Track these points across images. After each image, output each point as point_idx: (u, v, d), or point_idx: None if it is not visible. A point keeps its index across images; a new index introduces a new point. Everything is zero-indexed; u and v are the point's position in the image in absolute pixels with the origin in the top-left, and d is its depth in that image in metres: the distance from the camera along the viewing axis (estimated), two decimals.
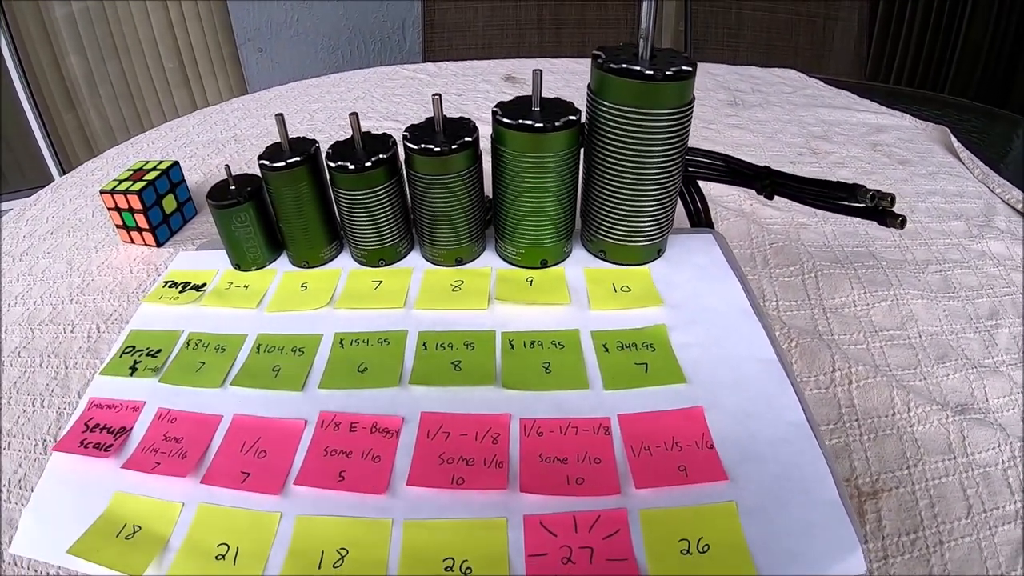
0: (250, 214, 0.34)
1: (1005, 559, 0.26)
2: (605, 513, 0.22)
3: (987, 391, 0.34)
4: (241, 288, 0.35)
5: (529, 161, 0.29)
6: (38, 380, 0.37)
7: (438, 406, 0.26)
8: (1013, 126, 0.80)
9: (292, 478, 0.25)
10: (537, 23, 1.09)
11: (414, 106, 0.72)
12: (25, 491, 0.31)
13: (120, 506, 0.25)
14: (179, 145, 0.68)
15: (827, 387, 0.33)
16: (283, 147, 0.32)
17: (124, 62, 1.87)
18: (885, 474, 0.29)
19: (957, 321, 0.38)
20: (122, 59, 1.87)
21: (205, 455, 0.26)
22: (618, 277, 0.32)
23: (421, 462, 0.24)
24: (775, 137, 0.62)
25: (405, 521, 0.22)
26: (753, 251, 0.43)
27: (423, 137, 0.29)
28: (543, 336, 0.29)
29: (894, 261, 0.43)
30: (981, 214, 0.50)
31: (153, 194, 0.46)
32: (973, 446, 0.30)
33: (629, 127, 0.28)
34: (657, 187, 0.30)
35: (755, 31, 1.08)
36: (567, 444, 0.24)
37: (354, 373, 0.28)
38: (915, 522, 0.27)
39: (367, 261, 0.34)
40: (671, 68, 0.27)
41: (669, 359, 0.27)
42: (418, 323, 0.30)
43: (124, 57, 1.86)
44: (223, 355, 0.31)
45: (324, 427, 0.26)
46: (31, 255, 0.50)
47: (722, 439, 0.24)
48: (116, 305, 0.42)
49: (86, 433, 0.28)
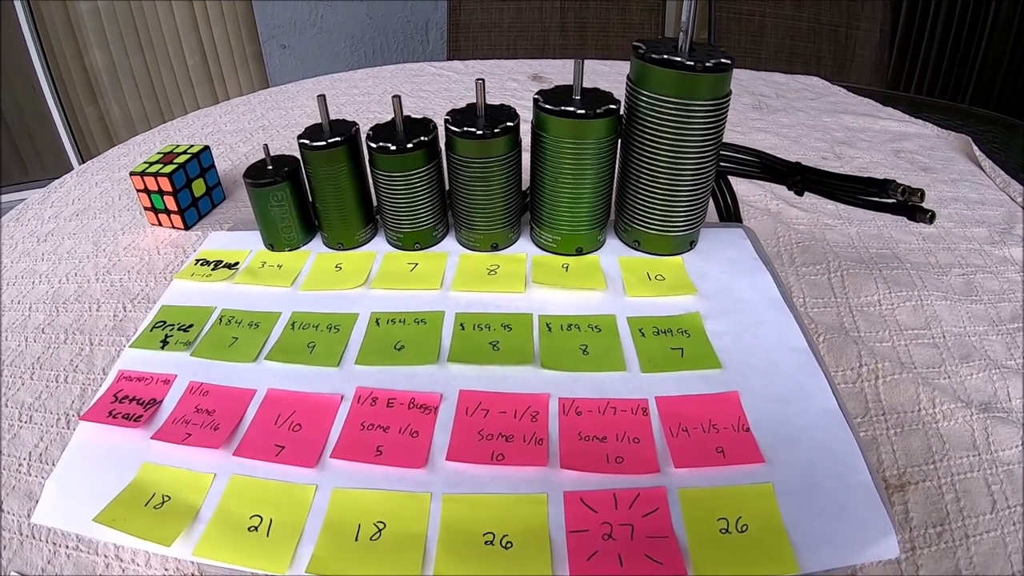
0: (286, 193, 0.34)
1: None
2: (645, 491, 0.22)
3: (1010, 391, 0.34)
4: (274, 267, 0.35)
5: (569, 147, 0.29)
6: (62, 356, 0.37)
7: (476, 384, 0.27)
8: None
9: (328, 451, 0.25)
10: (560, 25, 1.10)
11: (442, 102, 0.72)
12: (46, 464, 0.31)
13: (149, 476, 0.25)
14: (207, 133, 0.69)
15: (854, 381, 0.33)
16: (323, 128, 0.32)
17: (148, 57, 1.88)
18: (912, 468, 0.29)
19: (980, 323, 0.38)
20: (145, 54, 1.88)
21: (238, 428, 0.26)
22: (652, 266, 0.32)
23: (460, 438, 0.24)
24: (799, 141, 0.62)
25: (444, 495, 0.23)
26: (780, 249, 0.43)
27: (465, 121, 0.30)
28: (580, 320, 0.29)
29: (918, 264, 0.43)
30: (1003, 221, 0.50)
31: (183, 177, 0.47)
32: (997, 443, 0.31)
33: (667, 117, 0.28)
34: (692, 178, 0.30)
35: (778, 39, 1.09)
36: (606, 424, 0.24)
37: (391, 350, 0.29)
38: (941, 515, 0.28)
39: (403, 244, 0.35)
40: (710, 60, 0.28)
41: (704, 345, 0.28)
42: (455, 304, 0.31)
43: (148, 52, 1.87)
44: (257, 331, 0.31)
45: (361, 402, 0.26)
46: (56, 235, 0.51)
47: (757, 423, 0.24)
48: (143, 285, 0.43)
49: (115, 404, 0.28)
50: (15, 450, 0.31)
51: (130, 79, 1.92)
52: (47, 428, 0.33)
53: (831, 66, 1.05)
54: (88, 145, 2.02)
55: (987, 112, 0.88)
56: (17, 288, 0.45)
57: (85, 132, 2.00)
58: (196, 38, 1.87)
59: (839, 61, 1.08)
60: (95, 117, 1.98)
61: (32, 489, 0.29)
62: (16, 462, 0.31)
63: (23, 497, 0.29)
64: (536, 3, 1.08)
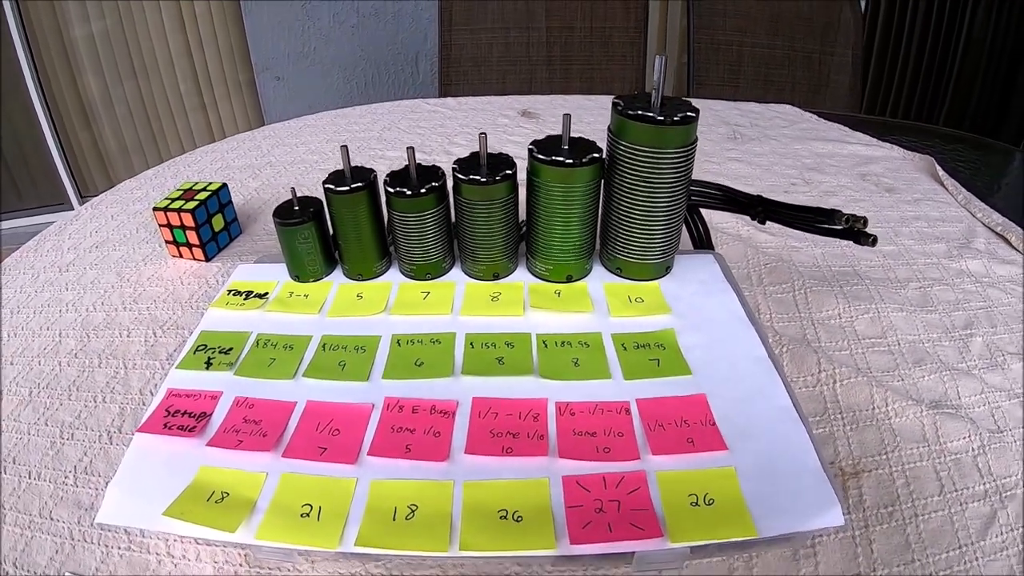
0: (312, 231, 0.39)
1: (975, 530, 0.30)
2: (628, 474, 0.27)
3: (960, 390, 0.37)
4: (302, 296, 0.40)
5: (559, 191, 0.34)
6: (98, 378, 0.40)
7: (486, 392, 0.31)
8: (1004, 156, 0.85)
9: (365, 450, 0.29)
10: (547, 59, 1.16)
11: (438, 139, 0.77)
12: (92, 476, 0.33)
13: (207, 477, 0.28)
14: (216, 169, 0.72)
15: (814, 385, 0.37)
16: (345, 174, 0.37)
17: (141, 83, 1.90)
18: (866, 458, 0.33)
19: (934, 331, 0.42)
20: (139, 80, 1.89)
21: (283, 434, 0.30)
22: (632, 290, 0.37)
23: (476, 436, 0.29)
24: (771, 169, 0.67)
25: (465, 482, 0.27)
26: (749, 271, 0.48)
27: (470, 169, 0.35)
28: (571, 337, 0.34)
29: (877, 279, 0.47)
30: (961, 236, 0.54)
31: (204, 213, 0.50)
32: (945, 436, 0.34)
33: (643, 163, 0.34)
34: (666, 213, 0.35)
35: (755, 67, 1.14)
36: (595, 422, 0.29)
37: (412, 367, 0.33)
38: (892, 497, 0.31)
39: (415, 275, 0.40)
40: (678, 114, 0.33)
41: (677, 356, 0.33)
42: (464, 327, 0.36)
43: (141, 78, 1.89)
44: (291, 352, 0.35)
45: (390, 409, 0.31)
46: (78, 266, 0.53)
47: (722, 419, 0.29)
48: (171, 313, 0.45)
49: (168, 417, 0.31)
50: (60, 464, 0.34)
51: (124, 105, 1.94)
52: (89, 444, 0.35)
53: (806, 92, 1.11)
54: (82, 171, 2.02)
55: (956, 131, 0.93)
56: (45, 315, 0.47)
57: (79, 158, 2.01)
58: (189, 65, 1.88)
59: (814, 86, 1.14)
60: (89, 143, 1.99)
61: (80, 499, 0.32)
62: (62, 475, 0.33)
63: (72, 506, 0.32)
64: (523, 38, 1.14)
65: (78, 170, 2.02)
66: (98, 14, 1.79)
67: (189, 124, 1.99)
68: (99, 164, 2.05)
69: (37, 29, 1.78)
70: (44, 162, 1.97)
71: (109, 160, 2.04)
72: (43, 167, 1.98)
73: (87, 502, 0.32)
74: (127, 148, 2.02)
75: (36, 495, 0.33)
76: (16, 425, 0.37)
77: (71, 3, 1.76)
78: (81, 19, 1.79)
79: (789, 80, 1.13)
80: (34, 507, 0.32)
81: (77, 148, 1.99)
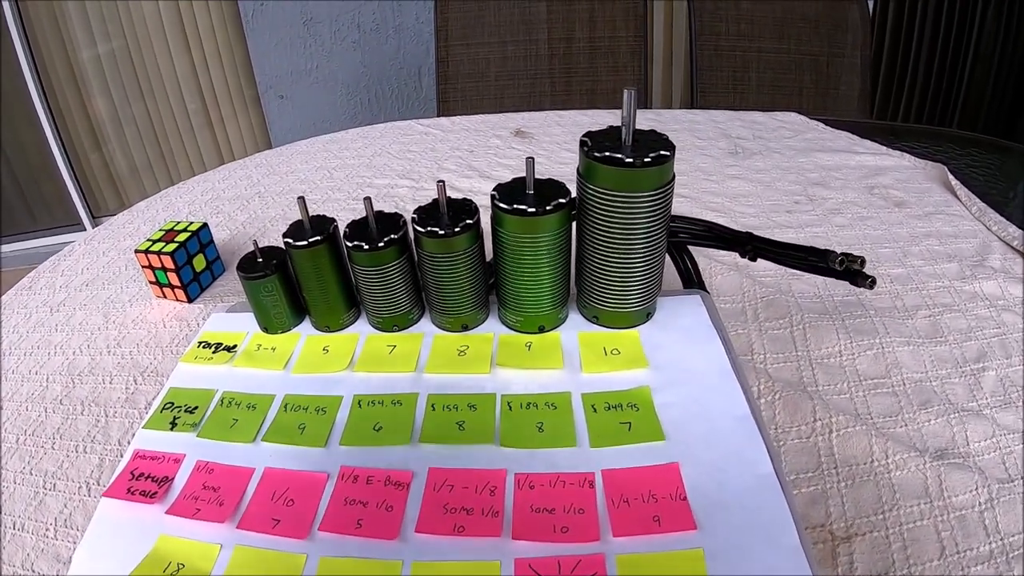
0: (276, 284, 0.38)
1: None
2: (585, 558, 0.25)
3: (968, 435, 0.35)
4: (269, 350, 0.39)
5: (525, 241, 0.32)
6: (80, 427, 0.40)
7: (444, 462, 0.30)
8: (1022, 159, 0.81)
9: (317, 524, 0.28)
10: (548, 72, 1.15)
11: (428, 163, 0.76)
12: (71, 530, 0.34)
13: (165, 546, 0.28)
14: (206, 200, 0.73)
15: (808, 436, 0.35)
16: (305, 226, 0.36)
17: (149, 104, 1.95)
18: (860, 519, 0.31)
19: (943, 366, 0.40)
20: (147, 101, 1.95)
21: (240, 503, 0.30)
22: (609, 340, 0.35)
23: (428, 511, 0.28)
24: (773, 186, 0.64)
25: (413, 562, 0.26)
26: (744, 305, 0.45)
27: (429, 220, 0.33)
28: (538, 398, 0.32)
29: (883, 309, 0.45)
30: (976, 253, 0.51)
31: (184, 255, 0.50)
32: (950, 490, 0.32)
33: (614, 208, 0.31)
34: (643, 258, 0.33)
35: (760, 72, 1.11)
36: (555, 496, 0.27)
37: (371, 432, 0.32)
38: (887, 564, 0.29)
39: (382, 326, 0.38)
40: (650, 154, 0.30)
41: (651, 418, 0.30)
42: (427, 386, 0.34)
43: (149, 99, 1.94)
44: (254, 412, 0.35)
45: (344, 479, 0.30)
46: (68, 306, 0.55)
47: (695, 490, 0.27)
48: (151, 359, 0.46)
49: (132, 481, 0.32)
50: (42, 516, 0.35)
51: (132, 126, 1.99)
52: (70, 496, 0.36)
53: (814, 97, 1.08)
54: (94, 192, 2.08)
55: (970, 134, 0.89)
56: (34, 359, 0.48)
57: (90, 179, 2.07)
58: (196, 85, 1.93)
59: (822, 90, 1.10)
60: (99, 164, 2.05)
61: (59, 552, 0.33)
62: (43, 527, 0.34)
63: (52, 559, 0.33)
64: (521, 51, 1.12)
65: (90, 191, 2.08)
66: (104, 36, 1.83)
67: (197, 143, 2.03)
68: (110, 185, 2.09)
69: (44, 53, 1.83)
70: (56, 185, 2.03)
71: (120, 180, 2.08)
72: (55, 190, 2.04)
73: (65, 555, 0.33)
74: (137, 168, 2.07)
75: (20, 547, 0.34)
76: (3, 473, 0.38)
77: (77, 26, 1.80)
78: (87, 42, 1.83)
79: (796, 85, 1.09)
80: (17, 559, 0.33)
81: (88, 170, 2.04)
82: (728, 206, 0.61)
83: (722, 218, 0.59)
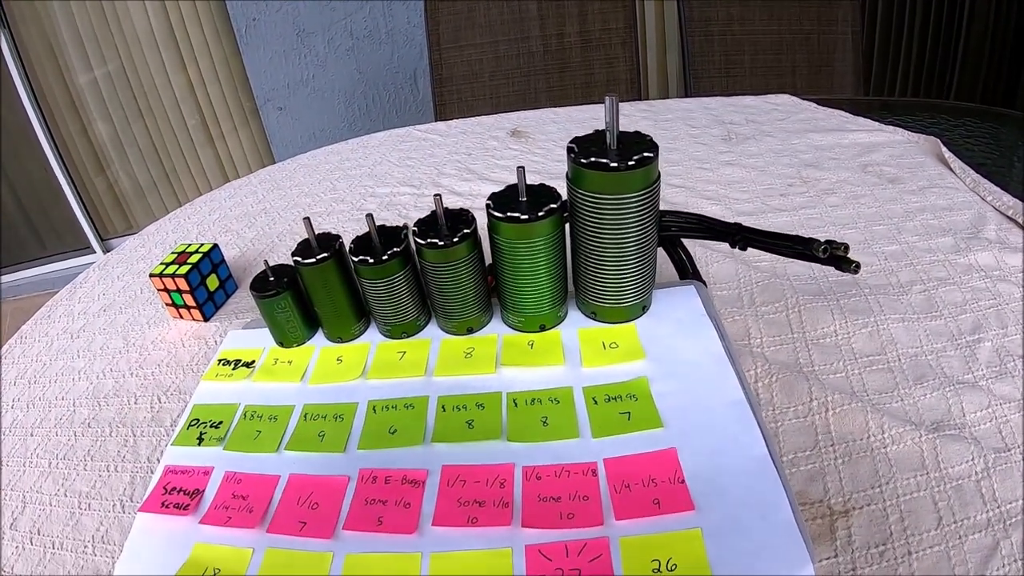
0: (288, 301, 0.40)
1: (974, 564, 0.28)
2: (591, 541, 0.27)
3: (964, 406, 0.36)
4: (286, 364, 0.41)
5: (520, 246, 0.34)
6: (109, 448, 0.42)
7: (456, 459, 0.32)
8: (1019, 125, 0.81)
9: (341, 524, 0.30)
10: (543, 68, 1.15)
11: (427, 170, 0.78)
12: (108, 546, 0.36)
13: (201, 554, 0.30)
14: (213, 220, 0.74)
15: (805, 416, 0.36)
16: (311, 244, 0.38)
17: (149, 123, 1.96)
18: (857, 493, 0.32)
19: (938, 340, 0.40)
20: (147, 121, 1.95)
21: (268, 509, 0.32)
22: (607, 335, 0.37)
23: (443, 506, 0.30)
24: (766, 170, 0.65)
25: (432, 553, 0.28)
26: (740, 291, 0.46)
27: (428, 232, 0.35)
28: (541, 394, 0.34)
29: (877, 286, 0.45)
30: (970, 225, 0.51)
31: (197, 276, 0.52)
32: (946, 461, 0.33)
33: (604, 210, 0.32)
34: (635, 255, 0.34)
35: (752, 53, 1.12)
36: (560, 486, 0.29)
37: (386, 435, 0.34)
38: (884, 535, 0.30)
39: (391, 334, 0.40)
40: (635, 156, 0.31)
41: (649, 408, 0.32)
42: (437, 389, 0.36)
43: (148, 119, 1.95)
44: (275, 424, 0.37)
45: (364, 481, 0.32)
46: (88, 331, 0.56)
47: (692, 474, 0.28)
48: (173, 378, 0.48)
49: (166, 495, 0.34)
50: (79, 534, 0.37)
51: (134, 147, 2.00)
52: (105, 514, 0.38)
53: (807, 75, 1.08)
54: (100, 215, 2.09)
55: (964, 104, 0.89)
56: (60, 385, 0.50)
57: (96, 202, 2.08)
58: (194, 102, 1.93)
59: (815, 68, 1.10)
60: (104, 187, 2.06)
61: (99, 567, 0.35)
62: (82, 544, 0.36)
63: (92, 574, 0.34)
64: (514, 49, 1.13)
65: (97, 214, 2.10)
66: (99, 60, 1.84)
67: (200, 160, 2.04)
68: (116, 206, 2.11)
69: (42, 79, 1.84)
70: (64, 210, 2.05)
71: (126, 202, 2.10)
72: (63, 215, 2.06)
73: (105, 570, 0.34)
74: (142, 188, 2.09)
75: (60, 565, 0.35)
76: (39, 496, 0.40)
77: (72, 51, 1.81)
78: (84, 67, 1.85)
79: (789, 64, 1.10)
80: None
81: (94, 193, 2.06)
82: (723, 193, 0.62)
83: (717, 205, 0.60)
